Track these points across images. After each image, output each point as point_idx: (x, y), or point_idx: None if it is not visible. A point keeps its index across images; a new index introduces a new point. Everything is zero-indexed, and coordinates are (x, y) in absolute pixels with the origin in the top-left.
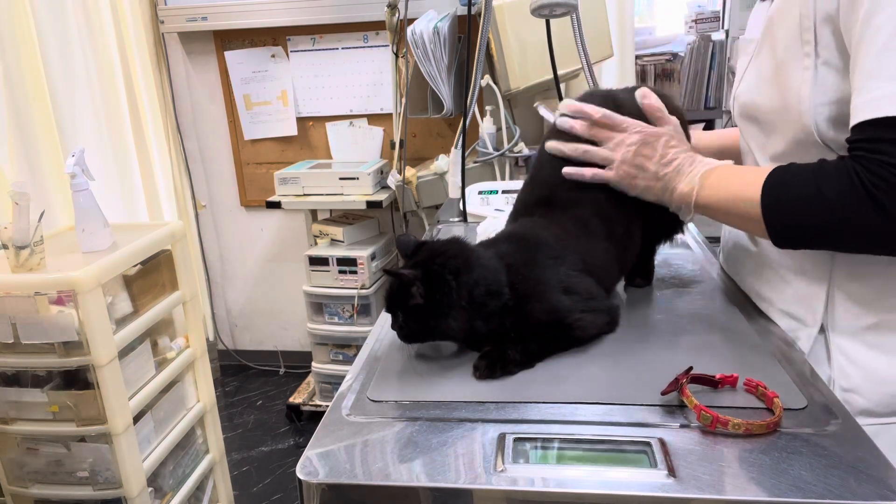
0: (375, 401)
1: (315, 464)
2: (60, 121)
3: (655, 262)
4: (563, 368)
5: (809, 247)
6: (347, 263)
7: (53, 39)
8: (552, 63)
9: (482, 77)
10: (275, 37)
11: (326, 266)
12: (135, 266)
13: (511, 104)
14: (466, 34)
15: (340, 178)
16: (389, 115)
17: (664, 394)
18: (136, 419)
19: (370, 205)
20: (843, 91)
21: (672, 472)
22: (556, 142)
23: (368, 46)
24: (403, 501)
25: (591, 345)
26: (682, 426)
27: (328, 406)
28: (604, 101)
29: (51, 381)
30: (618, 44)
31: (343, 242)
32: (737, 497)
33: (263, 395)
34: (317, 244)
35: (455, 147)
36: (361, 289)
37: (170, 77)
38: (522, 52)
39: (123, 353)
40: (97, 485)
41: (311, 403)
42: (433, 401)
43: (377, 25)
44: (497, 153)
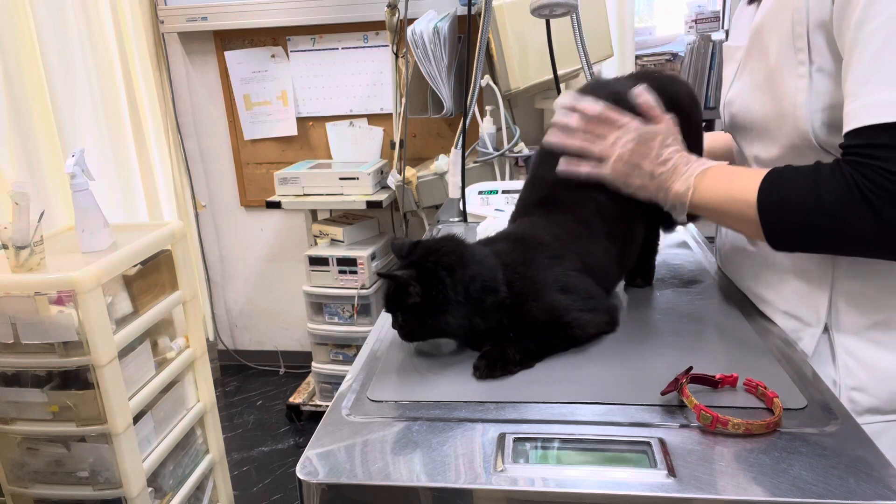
0: (375, 401)
1: (315, 464)
2: (60, 121)
3: (655, 262)
4: (563, 368)
5: (806, 250)
6: (347, 263)
7: (53, 39)
8: (552, 63)
9: (482, 77)
10: (275, 37)
11: (326, 266)
12: (135, 266)
13: (511, 104)
14: (466, 34)
15: (340, 178)
16: (389, 115)
17: (664, 394)
18: (136, 419)
19: (370, 205)
20: (838, 96)
21: (672, 472)
22: (553, 136)
23: (368, 46)
24: (403, 501)
25: (591, 345)
26: (682, 426)
27: (328, 406)
28: (604, 95)
29: (51, 381)
30: (618, 44)
31: (343, 242)
32: (737, 497)
33: (263, 395)
34: (317, 244)
35: (455, 147)
36: (361, 289)
37: (170, 77)
38: (522, 52)
39: (123, 353)
40: (97, 485)
41: (311, 403)
42: (433, 401)
43: (377, 25)
44: (497, 153)
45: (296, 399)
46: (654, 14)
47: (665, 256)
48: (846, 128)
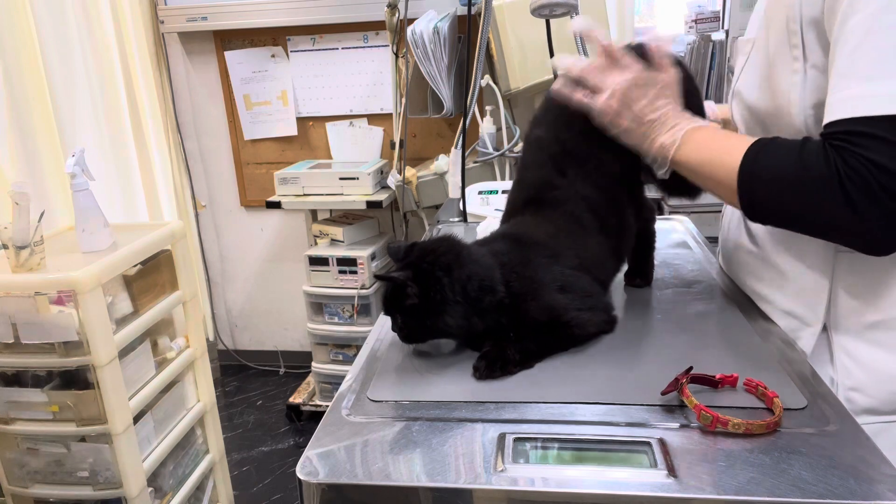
0: (375, 401)
1: (315, 464)
2: (60, 121)
3: (655, 262)
4: (563, 368)
5: (778, 225)
6: (347, 263)
7: (53, 39)
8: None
9: (482, 77)
10: (275, 37)
11: (326, 266)
12: (135, 266)
13: (511, 104)
14: (466, 34)
15: (340, 178)
16: (389, 115)
17: (664, 394)
18: (136, 419)
19: (370, 205)
20: None
21: (672, 472)
22: (561, 61)
23: (368, 46)
24: (403, 501)
25: (591, 345)
26: (682, 426)
27: (328, 406)
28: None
29: (51, 381)
30: (618, 44)
31: (343, 242)
32: (737, 497)
33: (263, 395)
34: (317, 244)
35: (455, 147)
36: (361, 289)
37: (170, 77)
38: (522, 52)
39: (123, 353)
40: (97, 485)
41: (311, 403)
42: (433, 401)
43: (377, 25)
44: (497, 153)
45: (296, 399)
46: (654, 14)
47: (665, 256)
48: (825, 119)
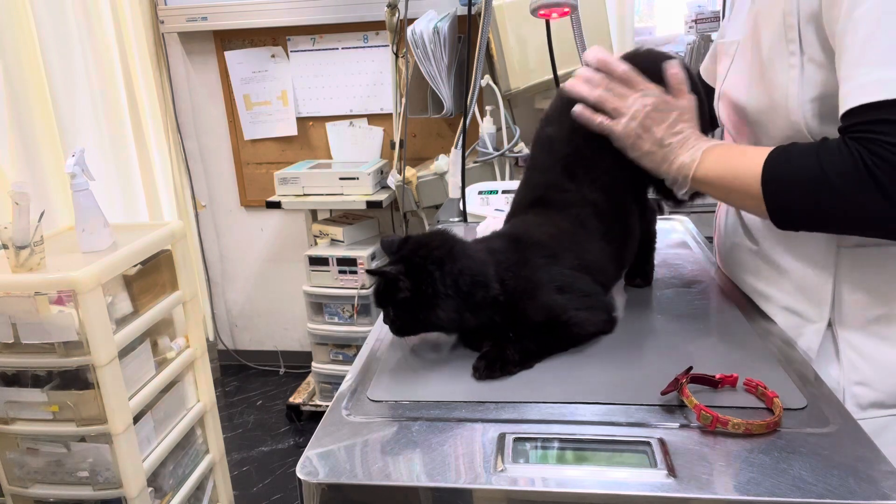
0: (375, 401)
1: (315, 464)
2: (60, 121)
3: (655, 262)
4: (563, 368)
5: (809, 228)
6: (347, 263)
7: (53, 39)
8: (552, 63)
9: (482, 77)
10: (275, 37)
11: (326, 266)
12: (135, 266)
13: (511, 104)
14: (466, 34)
15: (340, 178)
16: (389, 115)
17: (664, 394)
18: (136, 419)
19: (370, 205)
20: (829, 86)
21: (672, 472)
22: (576, 84)
23: (368, 46)
24: (403, 501)
25: (591, 345)
26: (682, 426)
27: (328, 406)
28: (635, 62)
29: (51, 381)
30: (618, 44)
31: (343, 242)
32: (737, 497)
33: (263, 395)
34: (317, 244)
35: (455, 147)
36: (361, 289)
37: (170, 77)
38: (522, 52)
39: (123, 353)
40: (97, 485)
41: (311, 403)
42: (433, 401)
43: (377, 25)
44: (497, 153)
45: (296, 399)
46: (654, 14)
47: (665, 256)
48: (842, 109)
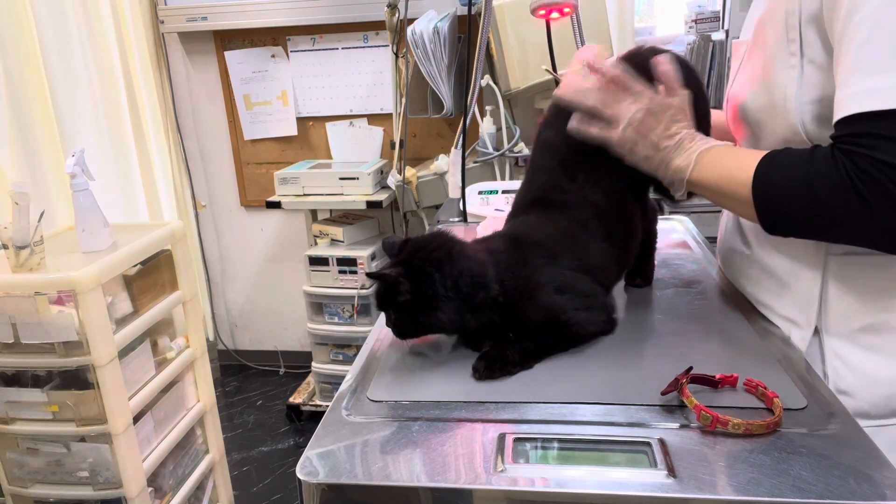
0: (375, 401)
1: (315, 464)
2: (60, 121)
3: (655, 262)
4: (563, 368)
5: (798, 235)
6: (347, 263)
7: (53, 39)
8: (552, 63)
9: (482, 77)
10: (275, 37)
11: (326, 266)
12: (135, 266)
13: (511, 104)
14: (466, 34)
15: (340, 178)
16: (389, 115)
17: (664, 394)
18: (136, 419)
19: (370, 205)
20: (828, 89)
21: (672, 472)
22: (568, 91)
23: (368, 46)
24: (403, 501)
25: (591, 345)
26: (682, 426)
27: (328, 406)
28: (628, 60)
29: (51, 381)
30: (618, 44)
31: (343, 242)
32: (737, 497)
33: (263, 395)
34: (317, 244)
35: (455, 147)
36: (361, 289)
37: (170, 77)
38: (522, 52)
39: (123, 353)
40: (97, 485)
41: (311, 403)
42: (433, 401)
43: (377, 25)
44: (497, 153)
45: (296, 399)
46: (654, 14)
47: (665, 256)
48: (836, 116)
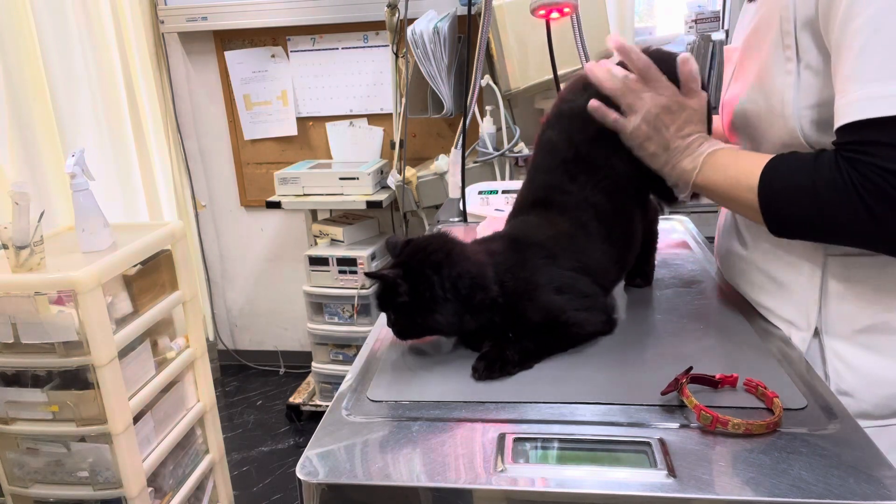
0: (375, 401)
1: (315, 464)
2: (60, 121)
3: (655, 262)
4: (563, 368)
5: (804, 238)
6: (347, 263)
7: (53, 39)
8: (552, 63)
9: (482, 77)
10: (275, 37)
11: (326, 266)
12: (135, 266)
13: (511, 104)
14: (466, 34)
15: (340, 178)
16: (389, 115)
17: (664, 394)
18: (136, 419)
19: (370, 205)
20: (826, 94)
21: (672, 472)
22: (597, 70)
23: (368, 46)
24: (403, 501)
25: (591, 345)
26: (682, 426)
27: (328, 406)
28: (652, 58)
29: (51, 381)
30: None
31: (343, 242)
32: (737, 497)
33: (263, 395)
34: (317, 244)
35: (455, 147)
36: (361, 289)
37: (170, 77)
38: (522, 52)
39: (123, 353)
40: (97, 485)
41: (311, 403)
42: (433, 401)
43: (377, 25)
44: (497, 153)
45: (296, 399)
46: (654, 14)
47: (665, 256)
48: (836, 124)
